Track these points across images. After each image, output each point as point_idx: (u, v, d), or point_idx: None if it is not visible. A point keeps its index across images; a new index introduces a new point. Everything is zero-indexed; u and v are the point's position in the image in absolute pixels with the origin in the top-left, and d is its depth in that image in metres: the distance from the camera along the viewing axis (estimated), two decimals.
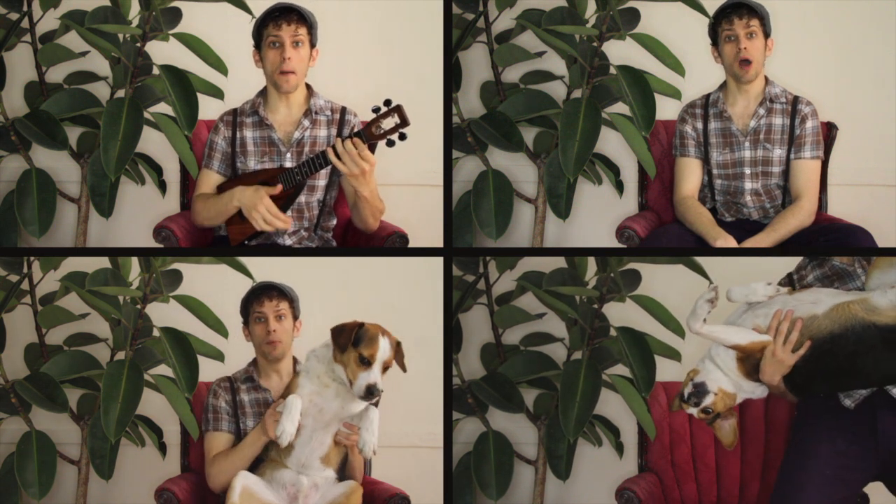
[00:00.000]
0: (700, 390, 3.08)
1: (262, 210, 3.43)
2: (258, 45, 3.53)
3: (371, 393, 3.04)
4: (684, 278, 3.47)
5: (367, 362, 3.06)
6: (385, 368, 3.09)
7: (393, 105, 3.31)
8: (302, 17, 3.49)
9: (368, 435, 3.11)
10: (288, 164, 3.53)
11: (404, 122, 3.32)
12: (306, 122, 3.57)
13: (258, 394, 3.37)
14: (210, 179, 3.61)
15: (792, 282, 3.26)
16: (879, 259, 3.09)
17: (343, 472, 3.24)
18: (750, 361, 3.05)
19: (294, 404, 3.11)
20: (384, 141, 3.34)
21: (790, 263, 3.32)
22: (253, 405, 3.36)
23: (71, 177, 3.91)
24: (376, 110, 3.33)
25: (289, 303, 3.39)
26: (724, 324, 3.13)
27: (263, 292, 3.38)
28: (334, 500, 3.17)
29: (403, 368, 3.15)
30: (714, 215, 3.63)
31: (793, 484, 3.11)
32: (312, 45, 3.54)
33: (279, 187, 3.44)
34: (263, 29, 3.50)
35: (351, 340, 3.07)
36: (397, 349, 3.13)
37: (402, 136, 3.33)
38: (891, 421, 3.09)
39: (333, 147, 3.36)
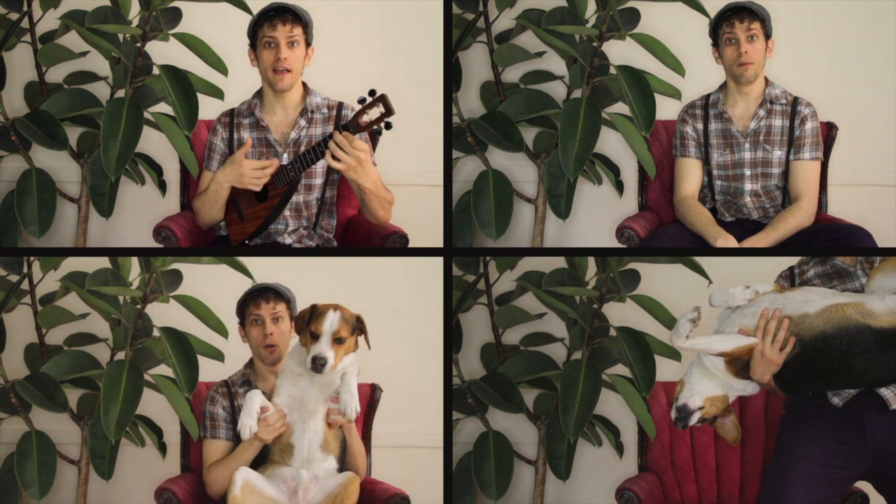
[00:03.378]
0: (683, 414, 3.09)
1: (247, 173, 3.45)
2: (253, 45, 3.53)
3: (315, 363, 3.09)
4: (684, 278, 3.47)
5: (315, 336, 3.11)
6: (337, 340, 3.11)
7: (377, 95, 3.31)
8: (297, 17, 3.48)
9: (348, 397, 3.12)
10: (283, 163, 3.53)
11: (389, 111, 3.31)
12: (302, 122, 3.56)
13: None
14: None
15: (793, 275, 3.26)
16: (885, 263, 3.09)
17: (344, 460, 3.24)
18: (738, 363, 3.05)
19: (252, 398, 3.14)
20: (371, 131, 3.34)
21: (789, 263, 3.32)
22: None
23: (71, 177, 3.91)
24: (362, 101, 3.33)
25: (286, 304, 3.39)
26: (715, 325, 3.14)
27: (260, 294, 3.38)
28: (332, 492, 3.17)
29: (367, 344, 3.18)
30: (714, 215, 3.64)
31: (781, 482, 3.12)
32: (308, 44, 3.53)
33: (248, 141, 3.49)
34: (258, 29, 3.50)
35: (305, 321, 3.14)
36: (358, 323, 3.16)
37: (388, 125, 3.33)
38: (878, 420, 3.10)
39: (329, 144, 3.35)
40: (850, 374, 3.00)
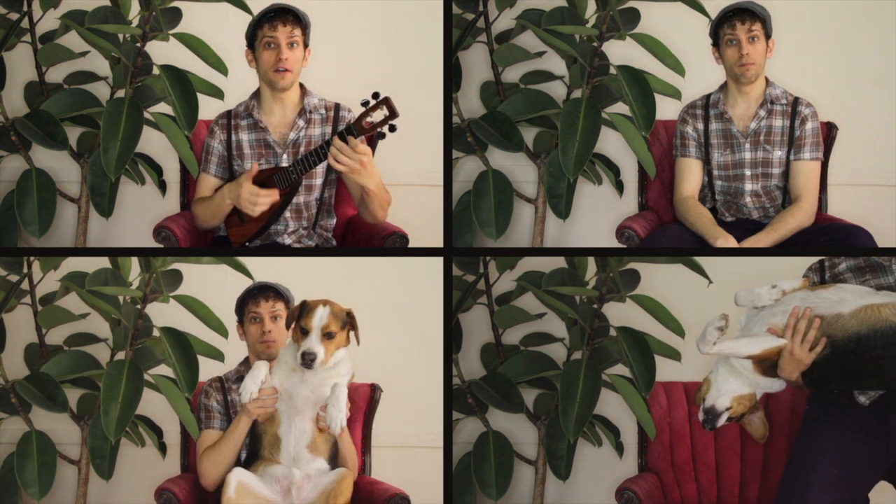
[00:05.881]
0: (711, 416, 3.05)
1: (245, 196, 3.45)
2: (251, 45, 3.53)
3: (305, 358, 3.09)
4: (684, 278, 3.47)
5: (305, 332, 3.12)
6: (327, 335, 3.11)
7: (381, 97, 3.31)
8: (297, 19, 3.49)
9: (335, 410, 3.12)
10: (284, 165, 3.54)
11: (393, 113, 3.32)
12: (301, 122, 3.57)
13: None
14: (208, 183, 3.61)
15: (823, 269, 3.18)
16: None
17: (336, 463, 3.24)
18: (766, 363, 3.00)
19: (259, 368, 3.17)
20: (375, 133, 3.34)
21: (790, 263, 3.32)
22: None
23: (71, 177, 3.91)
24: (365, 104, 3.33)
25: (284, 303, 3.39)
26: (742, 322, 3.09)
27: (260, 293, 3.39)
28: (325, 489, 3.17)
29: (357, 340, 3.18)
30: (714, 215, 3.64)
31: (799, 483, 3.08)
32: (305, 46, 3.54)
33: (254, 167, 3.48)
34: (258, 29, 3.50)
35: (295, 317, 3.15)
36: (348, 318, 3.16)
37: (392, 128, 3.34)
38: None
39: (331, 149, 3.35)
40: (882, 376, 2.94)
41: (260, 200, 3.45)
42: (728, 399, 3.05)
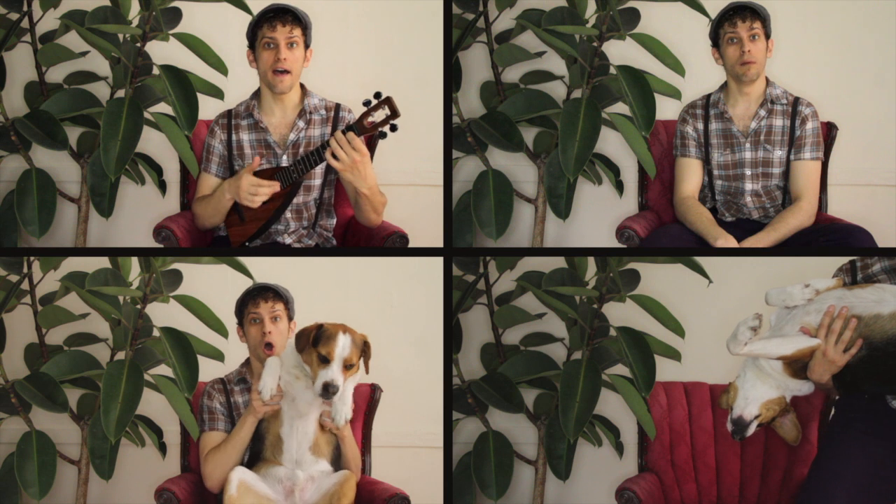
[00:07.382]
0: (740, 426, 3.01)
1: (245, 187, 3.45)
2: (252, 45, 3.53)
3: (328, 390, 3.07)
4: (684, 278, 3.47)
5: (325, 360, 3.09)
6: (347, 366, 3.10)
7: (383, 97, 3.32)
8: (297, 18, 3.49)
9: (340, 404, 3.14)
10: (284, 165, 3.54)
11: (395, 113, 3.32)
12: (301, 123, 3.57)
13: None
14: (209, 183, 3.61)
15: (854, 269, 3.11)
16: None
17: (338, 465, 3.25)
18: (797, 364, 2.94)
19: (273, 363, 3.17)
20: (377, 133, 3.34)
21: (790, 263, 3.32)
22: (247, 406, 3.36)
23: (71, 177, 3.91)
24: (367, 103, 3.33)
25: (284, 304, 3.39)
26: (772, 320, 3.03)
27: (259, 294, 3.38)
28: (328, 491, 3.18)
29: (366, 369, 3.17)
30: (714, 215, 3.64)
31: (824, 491, 3.01)
32: (307, 46, 3.54)
33: (256, 160, 3.48)
34: (258, 29, 3.50)
35: (310, 341, 3.12)
36: (364, 347, 3.15)
37: (394, 128, 3.34)
38: None
39: (330, 141, 3.36)
40: None
41: (261, 191, 3.45)
42: (756, 406, 3.00)
